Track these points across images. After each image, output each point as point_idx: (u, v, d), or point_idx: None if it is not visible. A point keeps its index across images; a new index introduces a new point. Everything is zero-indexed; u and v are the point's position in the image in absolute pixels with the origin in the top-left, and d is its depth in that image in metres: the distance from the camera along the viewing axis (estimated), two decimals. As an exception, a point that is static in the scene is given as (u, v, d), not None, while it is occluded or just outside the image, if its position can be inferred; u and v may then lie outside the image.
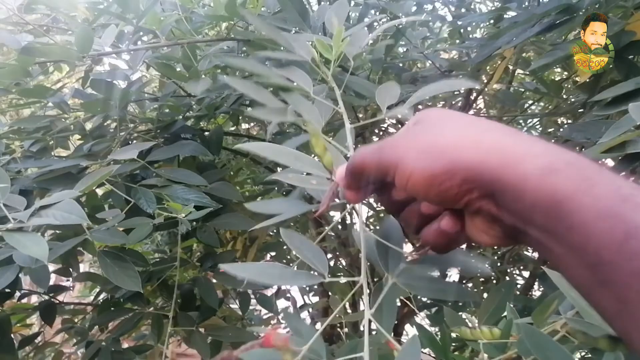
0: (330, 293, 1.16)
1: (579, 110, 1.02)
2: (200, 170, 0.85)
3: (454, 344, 0.82)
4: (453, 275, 1.47)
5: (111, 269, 0.65)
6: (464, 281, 1.31)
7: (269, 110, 0.47)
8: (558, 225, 0.21)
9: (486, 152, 0.24)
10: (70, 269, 0.96)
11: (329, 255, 1.39)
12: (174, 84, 1.02)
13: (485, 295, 1.29)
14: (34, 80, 0.96)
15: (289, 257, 1.35)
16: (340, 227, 1.37)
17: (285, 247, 1.33)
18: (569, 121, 1.26)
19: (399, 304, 1.27)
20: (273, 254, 1.41)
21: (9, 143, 0.82)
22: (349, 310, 1.21)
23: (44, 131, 0.82)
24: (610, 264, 0.20)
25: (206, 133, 1.00)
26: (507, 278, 1.33)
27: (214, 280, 0.93)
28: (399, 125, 1.25)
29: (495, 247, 1.29)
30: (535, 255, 1.23)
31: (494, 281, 1.40)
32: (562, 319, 0.42)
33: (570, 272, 0.22)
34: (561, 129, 1.33)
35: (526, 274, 1.33)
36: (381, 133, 1.40)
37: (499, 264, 1.29)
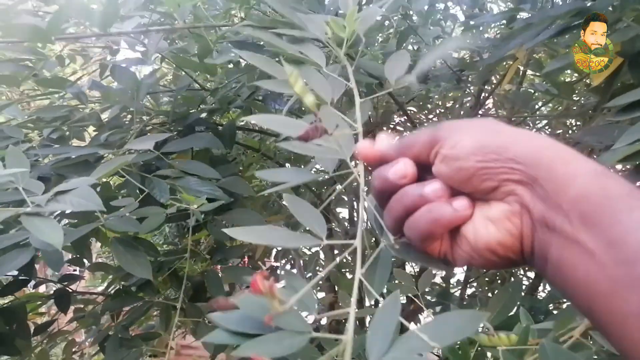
0: (337, 288, 1.17)
1: (589, 113, 1.03)
2: (213, 164, 0.86)
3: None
4: (458, 275, 1.48)
5: (123, 256, 0.66)
6: (469, 280, 1.32)
7: (279, 83, 0.48)
8: (601, 217, 0.22)
9: (541, 146, 0.25)
10: (84, 259, 0.98)
11: (336, 252, 1.40)
12: (189, 78, 1.03)
13: (490, 295, 1.30)
14: (51, 72, 0.97)
15: (296, 251, 1.36)
16: (347, 224, 1.38)
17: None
18: (578, 123, 1.27)
19: (404, 301, 1.28)
20: (279, 248, 1.42)
21: (26, 132, 0.83)
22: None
23: (61, 121, 0.84)
24: None
25: (219, 127, 1.02)
26: (513, 279, 1.33)
27: (221, 274, 0.94)
28: (409, 124, 1.26)
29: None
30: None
31: (499, 281, 1.41)
32: (579, 326, 0.43)
33: (597, 270, 0.22)
34: (570, 131, 1.34)
35: (531, 274, 1.34)
36: (390, 131, 1.41)
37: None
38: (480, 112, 1.22)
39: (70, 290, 0.97)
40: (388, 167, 0.30)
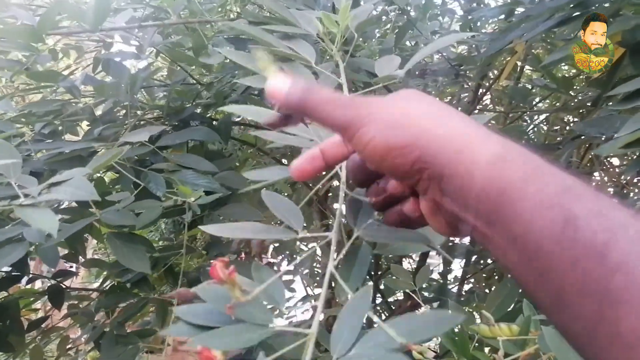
0: (334, 284, 1.16)
1: (588, 107, 1.02)
2: (208, 159, 0.85)
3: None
4: (455, 271, 1.48)
5: (120, 250, 0.65)
6: (467, 276, 1.32)
7: (260, 78, 0.48)
8: (501, 214, 0.21)
9: (443, 135, 0.24)
10: (78, 255, 0.97)
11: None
12: (184, 72, 1.02)
13: (487, 291, 1.29)
14: (44, 66, 0.96)
15: (292, 248, 1.35)
16: (344, 220, 1.37)
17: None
18: (576, 119, 1.26)
19: (401, 297, 1.27)
20: (277, 244, 1.42)
21: (19, 126, 0.82)
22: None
23: (54, 115, 0.82)
24: (549, 253, 0.20)
25: (214, 122, 1.01)
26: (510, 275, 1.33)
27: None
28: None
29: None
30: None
31: (496, 277, 1.41)
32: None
33: (512, 264, 0.22)
34: (567, 127, 1.33)
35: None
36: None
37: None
38: (477, 107, 1.22)
39: (64, 287, 0.96)
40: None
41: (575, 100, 1.08)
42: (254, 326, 0.27)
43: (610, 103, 0.79)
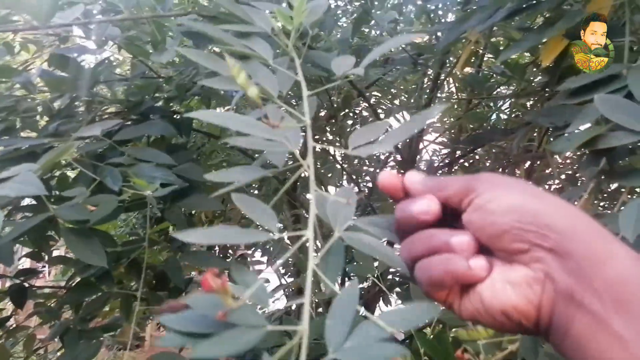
0: (302, 274, 1.18)
1: (545, 94, 1.05)
2: (170, 152, 0.85)
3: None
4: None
5: (76, 245, 0.65)
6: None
7: (223, 79, 0.48)
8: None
9: (580, 221, 0.25)
10: (42, 253, 0.96)
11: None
12: (144, 65, 1.01)
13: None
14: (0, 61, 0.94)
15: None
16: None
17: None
18: (538, 105, 1.30)
19: (369, 284, 1.30)
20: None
21: (-28, 124, 0.81)
22: (323, 289, 1.24)
23: (8, 112, 0.81)
24: None
25: (176, 115, 1.00)
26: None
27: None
28: (371, 110, 1.27)
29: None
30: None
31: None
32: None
33: None
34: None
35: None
36: (355, 117, 1.42)
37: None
38: (440, 94, 1.24)
39: (29, 285, 0.95)
40: (412, 201, 0.30)
41: (531, 85, 1.11)
42: (249, 329, 0.28)
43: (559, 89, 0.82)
